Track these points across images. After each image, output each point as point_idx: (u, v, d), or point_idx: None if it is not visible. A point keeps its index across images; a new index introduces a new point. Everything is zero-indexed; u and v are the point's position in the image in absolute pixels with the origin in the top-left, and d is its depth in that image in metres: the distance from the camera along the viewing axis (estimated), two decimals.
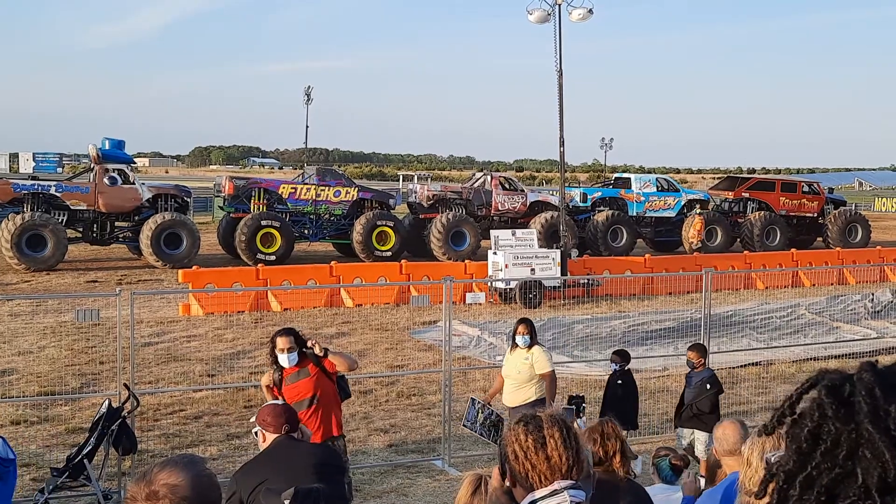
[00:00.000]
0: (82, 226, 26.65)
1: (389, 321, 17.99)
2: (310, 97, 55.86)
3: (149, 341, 15.80)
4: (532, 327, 9.12)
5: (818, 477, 1.25)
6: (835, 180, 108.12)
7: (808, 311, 19.54)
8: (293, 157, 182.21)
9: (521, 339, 9.01)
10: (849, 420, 1.24)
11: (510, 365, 9.12)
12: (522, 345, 9.01)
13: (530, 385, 8.97)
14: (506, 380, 9.17)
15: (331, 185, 28.88)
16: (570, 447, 2.58)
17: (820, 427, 1.27)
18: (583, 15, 22.75)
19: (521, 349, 9.01)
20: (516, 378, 9.02)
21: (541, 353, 9.02)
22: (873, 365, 1.31)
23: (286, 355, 7.45)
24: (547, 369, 8.95)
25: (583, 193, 32.49)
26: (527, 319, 9.26)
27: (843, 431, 1.24)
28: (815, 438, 1.27)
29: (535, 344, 9.08)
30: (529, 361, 8.93)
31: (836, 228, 33.12)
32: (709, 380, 9.44)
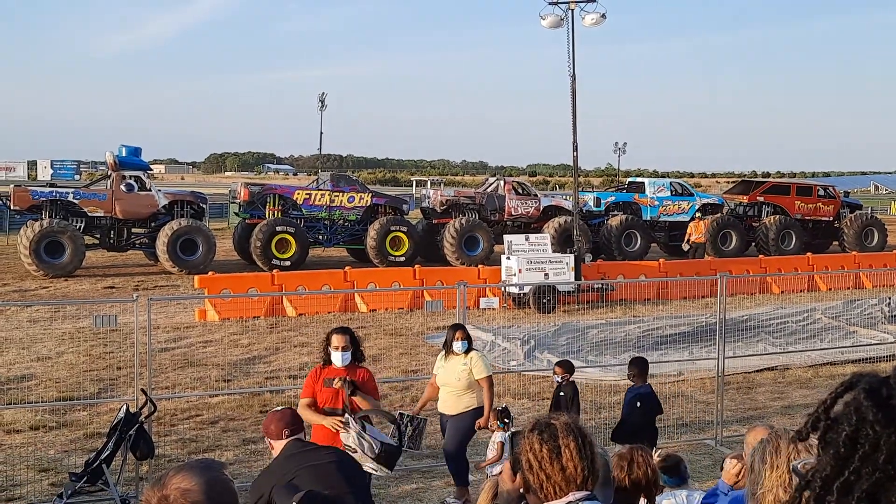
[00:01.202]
0: (100, 232, 26.83)
1: (403, 326, 18.01)
2: (324, 103, 55.84)
3: (165, 347, 15.88)
4: (467, 333, 8.90)
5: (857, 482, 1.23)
6: (850, 184, 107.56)
7: (825, 315, 19.44)
8: (308, 164, 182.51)
9: (458, 344, 8.72)
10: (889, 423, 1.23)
11: (447, 372, 8.81)
12: (460, 350, 8.73)
13: (469, 392, 8.72)
14: (443, 388, 8.85)
15: (345, 190, 28.96)
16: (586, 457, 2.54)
17: (858, 431, 1.25)
18: (596, 20, 22.75)
19: (458, 355, 8.74)
20: (455, 385, 8.72)
21: (479, 357, 8.79)
22: None
23: (340, 353, 7.33)
24: (485, 374, 8.70)
25: (596, 198, 32.42)
26: (461, 325, 9.05)
27: (882, 434, 1.22)
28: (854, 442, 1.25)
29: (472, 349, 8.84)
30: (468, 367, 8.67)
31: (852, 232, 32.94)
32: (640, 397, 9.05)
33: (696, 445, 11.06)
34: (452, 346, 8.78)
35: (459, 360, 8.73)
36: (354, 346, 7.42)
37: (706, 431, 11.76)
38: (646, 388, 9.13)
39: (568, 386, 9.49)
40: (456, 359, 8.76)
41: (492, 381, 8.82)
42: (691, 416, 12.44)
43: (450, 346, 8.83)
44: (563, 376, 9.53)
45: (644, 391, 9.05)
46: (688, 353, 15.72)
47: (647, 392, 9.04)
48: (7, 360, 14.89)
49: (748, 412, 12.61)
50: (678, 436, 11.55)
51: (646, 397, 8.98)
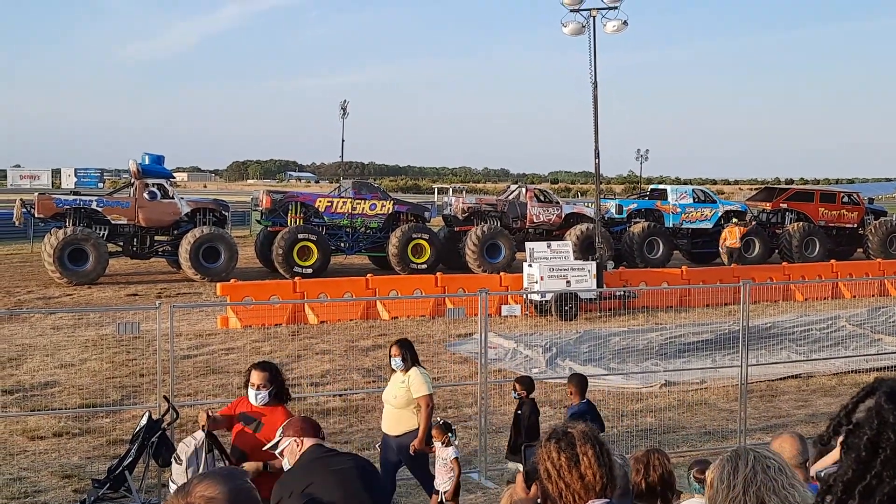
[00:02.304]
0: (123, 240, 27.03)
1: (425, 334, 18.00)
2: (345, 111, 56.14)
3: (188, 354, 15.96)
4: (407, 349, 8.35)
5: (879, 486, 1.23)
6: (875, 190, 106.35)
7: (849, 322, 19.26)
8: (329, 171, 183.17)
9: (393, 362, 8.34)
10: None
11: (388, 389, 8.48)
12: (396, 368, 8.33)
13: (409, 411, 8.29)
14: (385, 405, 8.52)
15: (367, 198, 29.03)
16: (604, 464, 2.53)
17: (879, 435, 1.26)
18: (617, 27, 22.71)
19: (398, 373, 8.34)
20: (393, 403, 8.35)
21: (418, 375, 8.27)
22: None
23: (254, 391, 6.64)
24: (423, 393, 8.20)
25: (618, 205, 32.32)
26: (401, 341, 8.53)
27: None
28: (875, 447, 1.26)
29: (414, 366, 8.33)
30: (406, 385, 8.25)
31: (877, 239, 32.62)
32: (580, 416, 8.35)
33: (720, 454, 10.95)
34: (390, 362, 8.41)
35: (399, 378, 8.34)
36: (277, 386, 6.73)
37: (729, 440, 11.67)
38: (584, 405, 8.70)
39: (527, 404, 9.13)
40: (396, 376, 8.38)
41: (430, 400, 8.31)
42: (714, 425, 12.35)
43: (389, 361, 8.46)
44: (520, 393, 9.19)
45: (582, 409, 8.60)
46: (710, 360, 15.63)
47: (585, 410, 8.60)
48: (31, 367, 15.02)
49: (772, 420, 12.51)
50: (701, 444, 11.47)
51: (585, 416, 8.42)
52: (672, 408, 13.04)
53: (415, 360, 8.37)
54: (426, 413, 8.18)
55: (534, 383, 9.42)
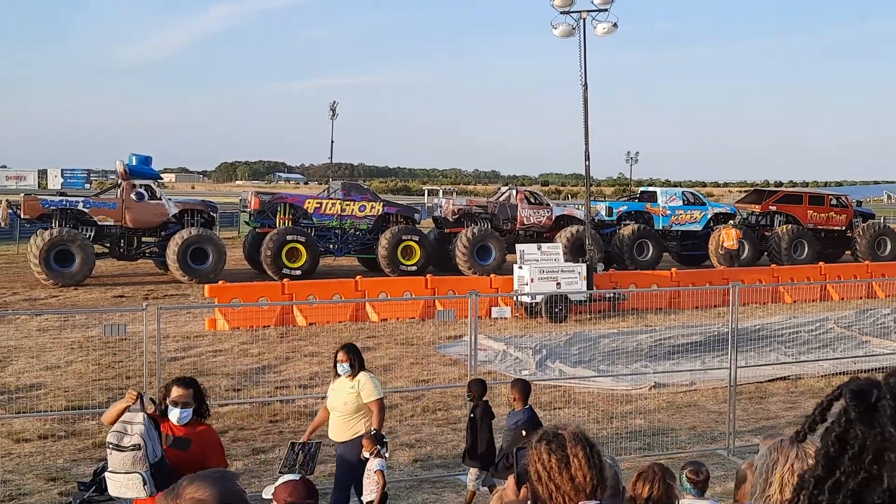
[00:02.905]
0: (109, 241, 26.89)
1: (415, 336, 17.96)
2: (335, 112, 56.16)
3: (175, 356, 15.88)
4: (354, 354, 8.14)
5: (847, 481, 1.25)
6: (863, 193, 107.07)
7: (837, 324, 19.32)
8: (318, 172, 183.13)
9: (341, 367, 8.07)
10: (873, 424, 1.25)
11: (334, 396, 8.19)
12: (343, 374, 8.08)
13: (358, 416, 8.08)
14: (332, 412, 8.21)
15: (356, 199, 28.97)
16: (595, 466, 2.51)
17: (847, 432, 1.28)
18: (607, 29, 22.75)
19: (345, 378, 8.11)
20: (342, 410, 8.07)
21: (368, 379, 8.07)
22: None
23: (179, 410, 6.15)
24: (374, 397, 8.01)
25: (608, 207, 32.36)
26: (348, 345, 8.31)
27: (868, 436, 1.25)
28: (843, 443, 1.28)
29: (362, 371, 8.14)
30: (355, 390, 8.01)
31: (865, 242, 32.75)
32: (525, 423, 8.32)
33: (709, 455, 10.95)
34: (337, 368, 8.16)
35: (347, 384, 8.11)
36: (198, 402, 6.29)
37: (718, 441, 11.67)
38: (527, 412, 8.52)
39: (479, 407, 8.97)
40: (343, 381, 8.15)
41: (382, 404, 8.13)
42: (703, 426, 12.35)
43: (334, 366, 8.24)
44: (469, 395, 9.08)
45: (526, 416, 8.43)
46: (700, 362, 15.63)
47: (529, 417, 8.43)
48: (16, 369, 14.90)
49: (760, 422, 12.51)
50: (691, 445, 11.46)
51: (529, 423, 8.30)
52: (661, 409, 13.03)
53: (362, 365, 8.19)
54: (378, 416, 8.02)
55: (486, 386, 9.22)
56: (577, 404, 13.29)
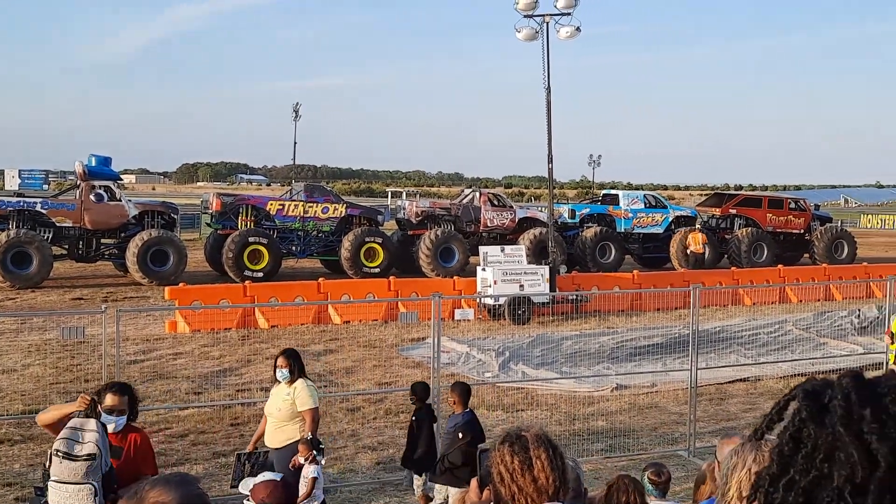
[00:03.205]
0: (68, 243, 26.51)
1: (377, 338, 17.92)
2: (298, 114, 55.94)
3: (134, 359, 15.68)
4: (294, 360, 8.01)
5: (800, 479, 1.28)
6: (821, 197, 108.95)
7: (796, 326, 19.57)
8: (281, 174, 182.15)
9: (280, 373, 7.98)
10: (825, 424, 1.28)
11: (270, 401, 8.12)
12: (282, 379, 7.96)
13: (292, 424, 7.92)
14: (268, 418, 8.14)
15: (319, 201, 28.83)
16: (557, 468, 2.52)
17: (800, 431, 1.31)
18: (570, 33, 22.86)
19: (283, 384, 7.98)
20: (277, 416, 7.98)
21: (304, 387, 7.92)
22: (857, 373, 1.34)
23: (115, 417, 5.89)
24: (308, 406, 7.86)
25: (571, 210, 32.55)
26: (289, 351, 8.20)
27: (819, 435, 1.28)
28: (797, 442, 1.30)
29: (300, 377, 8.00)
30: (291, 397, 7.89)
31: (823, 245, 33.24)
32: (462, 427, 8.21)
33: (670, 456, 11.04)
34: (276, 373, 8.07)
35: (283, 390, 7.98)
36: (132, 408, 6.10)
37: (679, 442, 11.76)
38: (467, 415, 8.39)
39: (422, 411, 8.88)
40: (280, 388, 8.03)
41: (316, 414, 7.97)
42: (664, 427, 12.45)
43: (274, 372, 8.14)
44: (412, 398, 9.00)
45: (465, 420, 8.32)
46: (661, 364, 15.75)
47: (468, 420, 8.32)
48: None
49: (720, 423, 12.64)
50: (652, 447, 11.55)
51: (468, 426, 8.24)
52: (623, 411, 13.11)
53: (301, 371, 8.06)
54: (311, 426, 7.86)
55: (429, 389, 9.09)
56: (540, 406, 13.33)
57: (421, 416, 8.84)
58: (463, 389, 8.54)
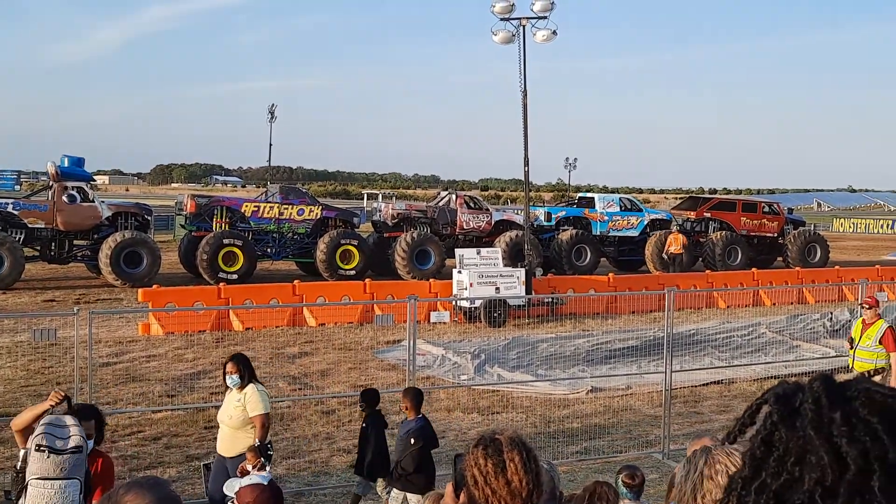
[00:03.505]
0: (40, 244, 26.23)
1: (353, 340, 17.86)
2: (274, 115, 55.69)
3: (107, 361, 15.54)
4: (244, 365, 7.87)
5: (772, 482, 1.28)
6: (794, 201, 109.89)
7: (769, 329, 19.72)
8: (256, 176, 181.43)
9: (230, 379, 7.82)
10: (793, 427, 1.28)
11: (222, 409, 8.00)
12: (232, 385, 7.83)
13: (245, 431, 7.80)
14: (220, 426, 8.02)
15: (294, 203, 28.72)
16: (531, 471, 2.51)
17: (772, 435, 1.31)
18: (547, 36, 22.92)
19: (234, 390, 7.86)
20: (229, 423, 7.86)
21: (254, 392, 7.77)
22: (827, 376, 1.35)
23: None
24: (258, 411, 7.74)
25: (547, 213, 32.63)
26: (238, 356, 8.05)
27: (791, 438, 1.28)
28: (769, 446, 1.30)
29: (251, 383, 7.86)
30: (242, 403, 7.78)
31: (796, 248, 33.52)
32: (415, 432, 8.14)
33: (644, 458, 11.09)
34: (226, 379, 7.91)
35: (234, 396, 7.86)
36: (99, 431, 5.94)
37: (654, 445, 11.81)
38: (419, 421, 8.31)
39: (371, 417, 8.77)
40: (232, 394, 7.90)
41: (267, 419, 7.86)
42: (639, 430, 12.49)
43: (223, 378, 7.98)
44: (361, 405, 8.90)
45: (418, 425, 8.23)
46: (636, 366, 15.81)
47: (420, 426, 8.24)
48: None
49: (695, 425, 12.69)
50: (626, 449, 11.58)
51: (420, 432, 8.17)
52: (598, 413, 13.14)
53: (252, 376, 7.92)
54: (261, 432, 7.75)
55: (378, 396, 8.96)
56: (516, 409, 13.34)
57: (371, 422, 8.71)
58: (415, 395, 8.43)
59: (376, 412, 8.81)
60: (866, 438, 1.24)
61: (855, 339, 11.91)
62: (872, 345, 11.58)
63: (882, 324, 11.74)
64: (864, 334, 11.72)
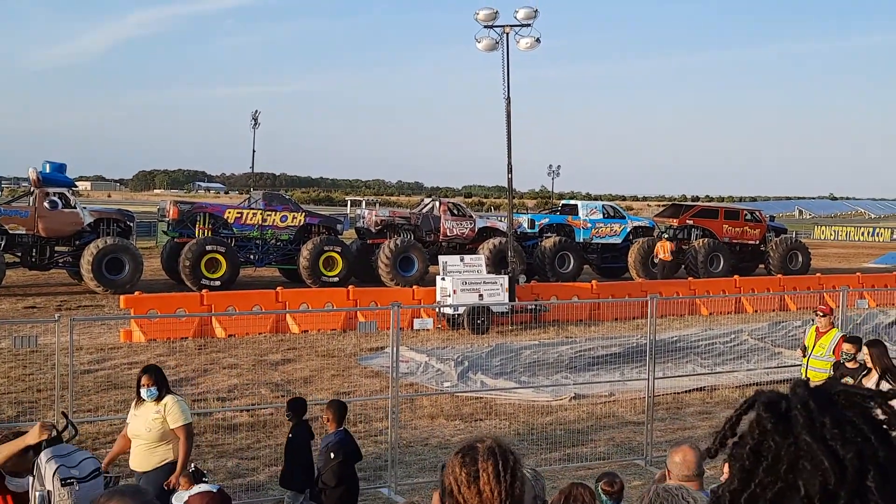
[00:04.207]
0: (21, 250, 26.04)
1: (336, 347, 17.82)
2: (257, 121, 55.62)
3: (88, 368, 15.44)
4: (159, 376, 7.63)
5: (763, 493, 1.27)
6: (776, 208, 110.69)
7: (751, 336, 19.80)
8: (239, 182, 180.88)
9: (146, 392, 7.53)
10: (787, 434, 1.28)
11: (138, 422, 7.64)
12: (149, 398, 7.53)
13: (164, 444, 7.58)
14: (134, 440, 7.67)
15: (277, 209, 28.66)
16: (504, 481, 2.46)
17: (761, 444, 1.30)
18: (530, 44, 23.00)
19: (150, 403, 7.56)
20: (147, 437, 7.56)
21: (175, 403, 7.55)
22: (805, 382, 1.36)
23: None
24: (181, 423, 7.53)
25: (530, 220, 32.69)
26: (151, 367, 7.79)
27: (782, 446, 1.27)
28: (757, 455, 1.30)
29: (168, 394, 7.63)
30: (161, 415, 7.52)
31: (778, 255, 33.73)
32: (334, 446, 7.98)
33: (627, 465, 11.11)
34: (140, 392, 7.61)
35: (151, 408, 7.58)
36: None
37: (636, 451, 11.83)
38: (339, 434, 8.14)
39: (298, 427, 8.54)
40: (147, 406, 7.61)
41: (190, 430, 7.66)
42: (622, 437, 12.51)
43: (138, 392, 7.67)
44: (288, 414, 8.68)
45: (337, 438, 8.07)
46: (619, 373, 15.85)
47: (340, 440, 8.08)
48: None
49: (677, 432, 12.72)
50: (609, 456, 11.60)
51: (339, 446, 8.01)
52: (581, 420, 13.16)
53: (167, 387, 7.73)
54: (186, 444, 7.55)
55: (305, 406, 8.78)
56: (499, 416, 13.34)
57: (297, 432, 8.50)
58: (337, 407, 8.26)
59: (303, 422, 8.60)
60: (858, 440, 1.24)
61: (808, 348, 11.58)
62: (826, 354, 11.22)
63: (836, 332, 11.46)
64: (817, 343, 11.41)
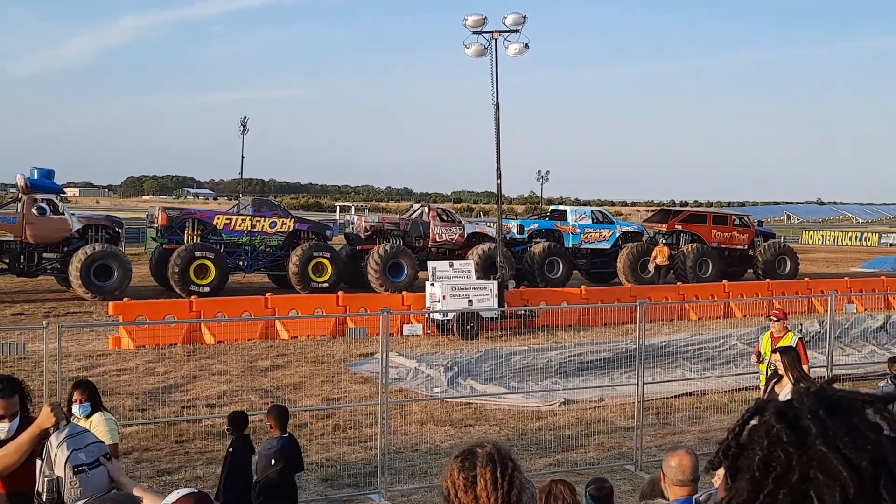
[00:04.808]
0: (9, 257, 25.91)
1: (326, 353, 17.80)
2: (246, 127, 55.53)
3: (77, 375, 15.31)
4: (91, 391, 7.23)
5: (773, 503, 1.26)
6: (764, 213, 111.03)
7: (740, 341, 19.85)
8: (228, 188, 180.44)
9: (77, 408, 7.09)
10: (801, 444, 1.26)
11: None
12: (80, 414, 7.11)
13: None
14: None
15: (266, 215, 28.63)
16: (501, 488, 2.46)
17: (770, 454, 1.28)
18: (519, 49, 23.03)
19: (81, 419, 7.07)
20: None
21: (102, 421, 7.13)
22: (808, 390, 1.34)
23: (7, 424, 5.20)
24: (107, 442, 7.03)
25: (519, 225, 32.73)
26: (83, 382, 7.39)
27: (793, 456, 1.26)
28: (767, 466, 1.28)
29: (98, 411, 7.21)
30: None
31: (766, 260, 33.84)
32: (276, 452, 7.72)
33: (617, 470, 11.13)
34: (72, 409, 7.17)
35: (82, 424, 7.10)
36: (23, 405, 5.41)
37: (626, 456, 11.85)
38: (282, 440, 7.91)
39: (238, 441, 8.20)
40: (80, 422, 7.12)
41: (116, 450, 7.28)
42: (612, 441, 12.53)
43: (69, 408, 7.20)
44: (229, 427, 8.34)
45: (280, 445, 7.84)
46: (608, 378, 15.86)
47: (283, 446, 7.84)
48: None
49: (667, 437, 12.75)
50: (599, 461, 11.61)
51: (281, 452, 7.76)
52: (571, 425, 13.18)
53: (99, 404, 7.31)
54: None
55: (246, 419, 8.45)
56: (489, 421, 13.34)
57: (237, 446, 8.18)
58: (279, 413, 8.08)
59: (244, 436, 8.33)
60: (868, 446, 1.24)
61: (764, 354, 11.48)
62: None
63: (792, 336, 11.43)
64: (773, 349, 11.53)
